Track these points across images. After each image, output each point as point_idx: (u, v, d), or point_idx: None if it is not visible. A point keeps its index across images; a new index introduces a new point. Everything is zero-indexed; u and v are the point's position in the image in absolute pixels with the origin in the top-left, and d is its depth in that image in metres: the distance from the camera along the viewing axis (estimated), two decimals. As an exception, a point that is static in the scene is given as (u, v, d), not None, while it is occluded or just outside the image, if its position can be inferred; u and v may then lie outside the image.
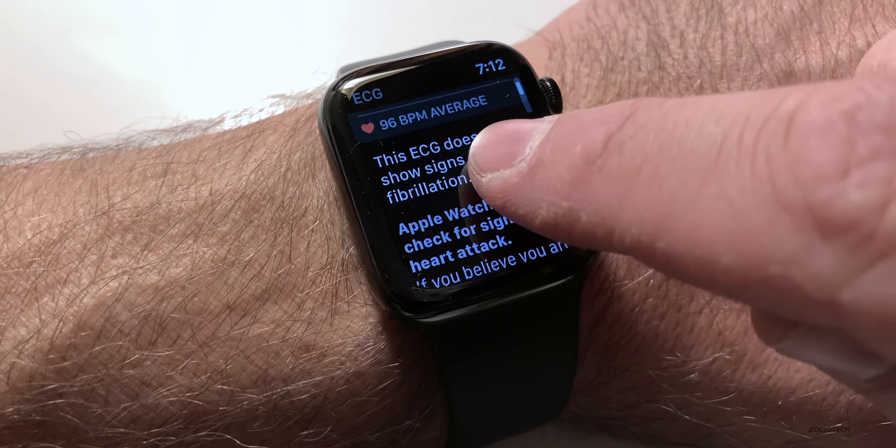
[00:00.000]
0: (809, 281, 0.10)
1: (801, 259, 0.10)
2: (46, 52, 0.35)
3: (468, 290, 0.18)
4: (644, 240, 0.12)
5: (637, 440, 0.25)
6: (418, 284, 0.18)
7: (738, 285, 0.11)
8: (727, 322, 0.21)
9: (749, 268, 0.11)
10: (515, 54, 0.20)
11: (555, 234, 0.15)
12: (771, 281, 0.11)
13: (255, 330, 0.19)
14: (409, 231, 0.18)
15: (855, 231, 0.10)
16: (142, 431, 0.18)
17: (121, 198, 0.19)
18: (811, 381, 0.21)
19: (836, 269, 0.10)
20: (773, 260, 0.11)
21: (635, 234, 0.13)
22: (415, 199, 0.18)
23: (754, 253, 0.11)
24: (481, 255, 0.18)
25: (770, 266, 0.11)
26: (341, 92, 0.19)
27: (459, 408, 0.20)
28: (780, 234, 0.11)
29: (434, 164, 0.19)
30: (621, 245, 0.13)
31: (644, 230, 0.12)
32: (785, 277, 0.11)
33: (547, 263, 0.18)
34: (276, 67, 0.35)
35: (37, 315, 0.18)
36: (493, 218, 0.19)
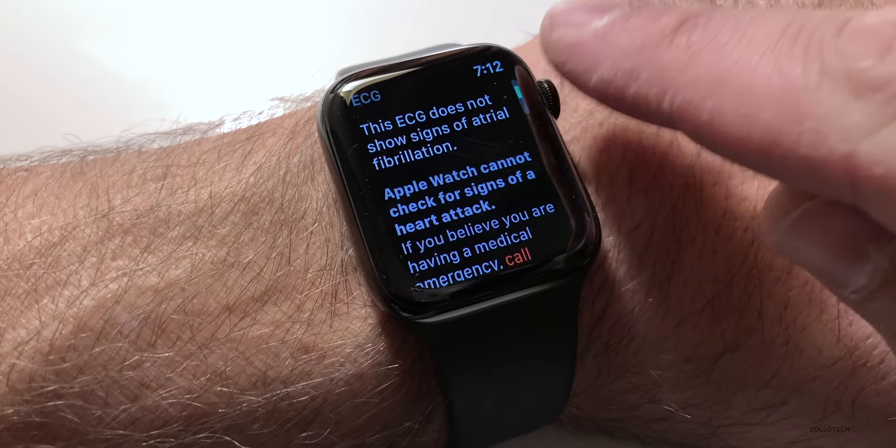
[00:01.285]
0: (836, 133, 0.12)
1: (834, 114, 0.12)
2: (46, 53, 0.35)
3: (467, 290, 0.18)
4: (695, 99, 0.14)
5: (638, 441, 0.25)
6: (417, 285, 0.18)
7: (771, 142, 0.13)
8: (729, 321, 0.21)
9: (786, 123, 0.13)
10: (513, 56, 0.20)
11: (605, 94, 0.17)
12: (803, 135, 0.13)
13: (254, 331, 0.19)
14: (408, 232, 0.18)
15: (884, 91, 0.12)
16: (141, 433, 0.18)
17: (121, 201, 0.20)
18: (816, 378, 0.21)
19: (861, 123, 0.12)
20: (810, 115, 0.13)
21: (688, 94, 0.14)
22: (412, 195, 0.19)
23: (794, 109, 0.13)
24: (480, 255, 0.18)
25: (805, 120, 0.13)
26: (340, 94, 0.19)
27: (459, 409, 0.20)
28: (820, 95, 0.13)
29: (423, 153, 0.19)
30: (670, 105, 0.15)
31: (697, 90, 0.14)
32: (816, 131, 0.12)
33: (546, 263, 0.18)
34: (276, 70, 0.35)
35: (37, 317, 0.18)
36: (492, 217, 0.19)
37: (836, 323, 0.20)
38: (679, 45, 0.15)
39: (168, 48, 0.36)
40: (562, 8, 0.18)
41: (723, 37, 0.15)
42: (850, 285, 0.15)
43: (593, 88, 0.17)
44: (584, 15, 0.18)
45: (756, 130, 0.13)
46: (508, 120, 0.19)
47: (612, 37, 0.17)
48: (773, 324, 0.21)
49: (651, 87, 0.15)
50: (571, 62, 0.17)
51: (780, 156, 0.13)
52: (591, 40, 0.17)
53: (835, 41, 0.13)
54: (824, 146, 0.12)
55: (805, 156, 0.13)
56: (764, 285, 0.21)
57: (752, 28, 0.14)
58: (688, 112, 0.14)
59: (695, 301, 0.21)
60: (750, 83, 0.14)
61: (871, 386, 0.20)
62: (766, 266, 0.21)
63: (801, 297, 0.21)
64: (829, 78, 0.13)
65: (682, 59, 0.15)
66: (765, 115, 0.13)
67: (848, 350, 0.20)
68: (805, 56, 0.13)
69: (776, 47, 0.14)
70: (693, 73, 0.15)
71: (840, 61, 0.13)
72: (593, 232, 0.19)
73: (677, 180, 0.21)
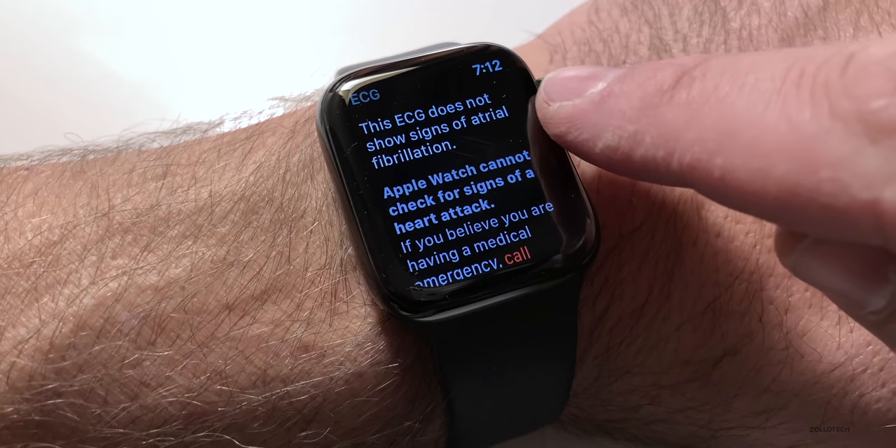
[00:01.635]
0: (856, 181, 0.12)
1: (850, 161, 0.12)
2: (46, 52, 0.35)
3: (466, 288, 0.18)
4: (703, 157, 0.14)
5: (638, 442, 0.25)
6: (416, 283, 0.18)
7: (788, 194, 0.12)
8: (730, 324, 0.21)
9: (801, 174, 0.12)
10: (513, 56, 0.20)
11: (612, 159, 0.16)
12: (820, 185, 0.12)
13: (254, 330, 0.19)
14: (407, 230, 0.18)
15: None
16: (141, 432, 0.18)
17: (121, 199, 0.20)
18: (815, 384, 0.21)
19: (881, 169, 0.11)
20: (825, 164, 0.12)
21: (696, 152, 0.14)
22: (412, 194, 0.19)
23: (808, 159, 0.12)
24: (479, 254, 0.18)
25: (821, 170, 0.12)
26: (339, 93, 0.19)
27: (459, 408, 0.20)
28: (833, 141, 0.12)
29: (422, 152, 0.19)
30: (679, 165, 0.14)
31: (705, 147, 0.14)
32: (834, 180, 0.12)
33: (545, 262, 0.18)
34: (276, 69, 0.35)
35: (37, 315, 0.18)
36: (491, 216, 0.19)
37: (836, 329, 0.20)
38: (679, 102, 0.15)
39: (168, 48, 0.36)
40: (556, 78, 0.18)
41: (723, 88, 0.14)
42: (869, 307, 0.14)
43: (598, 156, 0.17)
44: (579, 83, 0.17)
45: (771, 184, 0.13)
46: (508, 119, 0.19)
47: (611, 102, 0.16)
48: (774, 328, 0.21)
49: (657, 149, 0.15)
50: (573, 133, 0.17)
51: (800, 207, 0.12)
52: (588, 108, 0.17)
53: (841, 81, 0.12)
54: (845, 195, 0.12)
55: (826, 205, 0.12)
56: (765, 290, 0.21)
57: (751, 75, 0.14)
58: (698, 170, 0.14)
59: (695, 304, 0.21)
60: (758, 134, 0.13)
61: (871, 393, 0.20)
62: (768, 270, 0.21)
63: (803, 302, 0.21)
64: (839, 122, 0.12)
65: (684, 116, 0.15)
66: (779, 167, 0.13)
67: (848, 356, 0.20)
68: (812, 100, 0.12)
69: (780, 93, 0.13)
70: (698, 129, 0.14)
71: (849, 103, 0.12)
72: (592, 231, 0.19)
73: None
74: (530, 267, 0.18)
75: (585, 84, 0.17)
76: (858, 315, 0.15)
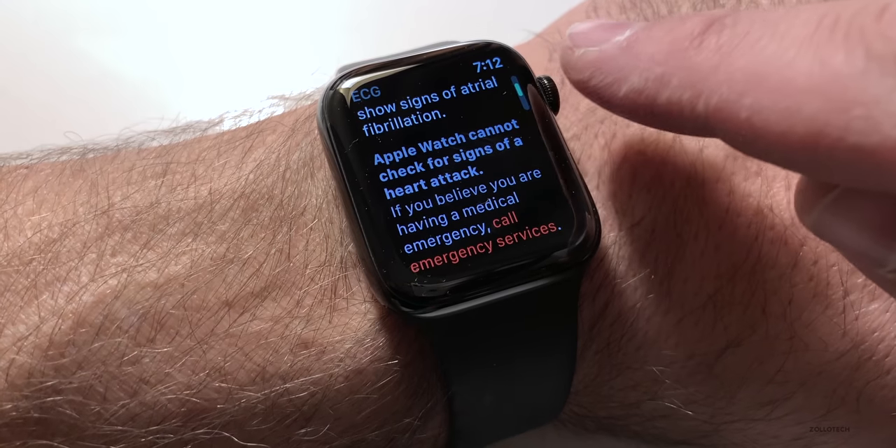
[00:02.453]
0: (890, 118, 0.12)
1: (884, 99, 0.12)
2: (46, 52, 0.35)
3: (466, 284, 0.18)
4: (731, 98, 0.14)
5: (639, 439, 0.24)
6: (416, 279, 0.18)
7: (817, 135, 0.12)
8: (732, 317, 0.21)
9: (832, 113, 0.12)
10: (513, 53, 0.20)
11: (636, 103, 0.16)
12: (851, 123, 0.12)
13: (253, 327, 0.19)
14: (407, 227, 0.18)
15: None
16: (140, 429, 0.18)
17: (120, 197, 0.20)
18: (821, 373, 0.21)
19: None
20: (858, 102, 0.12)
21: (724, 93, 0.14)
22: (413, 195, 0.19)
23: (840, 99, 0.12)
24: (480, 250, 0.18)
25: (854, 108, 0.12)
26: (339, 91, 0.19)
27: (459, 404, 0.20)
28: (868, 81, 0.12)
29: (433, 160, 0.19)
30: (705, 108, 0.14)
31: (733, 89, 0.14)
32: (867, 118, 0.12)
33: (546, 259, 0.18)
34: (276, 68, 0.35)
35: (36, 312, 0.18)
36: (491, 213, 0.19)
37: (841, 317, 0.20)
38: (709, 47, 0.15)
39: (168, 47, 0.36)
40: (581, 28, 0.18)
41: (754, 34, 0.14)
42: (889, 264, 0.14)
43: (622, 100, 0.17)
44: (605, 32, 0.18)
45: (800, 124, 0.13)
46: (514, 124, 0.19)
47: (638, 47, 0.16)
48: (777, 319, 0.20)
49: (684, 91, 0.15)
50: (597, 77, 0.17)
51: (827, 148, 0.12)
52: (615, 53, 0.17)
53: (877, 26, 0.12)
54: (877, 133, 0.12)
55: (855, 145, 0.12)
56: (768, 281, 0.20)
57: (783, 23, 0.14)
58: (725, 112, 0.14)
59: (697, 297, 0.21)
60: (790, 76, 0.13)
61: (877, 380, 0.20)
62: (770, 262, 0.21)
63: (806, 292, 0.20)
64: (875, 62, 0.12)
65: (713, 59, 0.15)
66: (808, 106, 0.12)
67: (854, 344, 0.20)
68: (846, 43, 0.12)
69: (813, 38, 0.13)
70: (727, 71, 0.14)
71: (885, 44, 0.12)
72: (593, 227, 0.19)
73: (679, 177, 0.21)
74: (530, 263, 0.18)
75: (612, 31, 0.17)
76: (876, 274, 0.15)
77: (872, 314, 0.20)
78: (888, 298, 0.20)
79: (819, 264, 0.21)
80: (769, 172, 0.21)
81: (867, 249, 0.14)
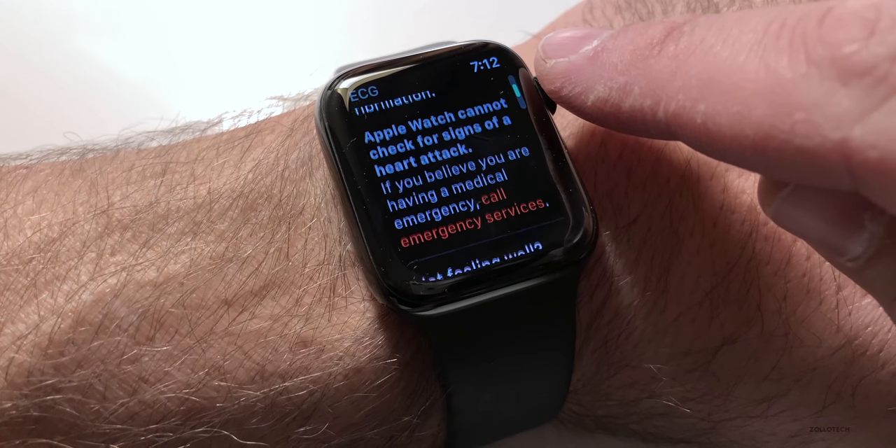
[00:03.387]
0: (827, 121, 0.12)
1: (822, 103, 0.12)
2: (46, 52, 0.35)
3: (465, 282, 0.18)
4: (687, 104, 0.15)
5: (638, 438, 0.25)
6: (415, 278, 0.18)
7: (765, 137, 0.13)
8: (728, 314, 0.21)
9: (777, 116, 0.13)
10: (510, 53, 0.20)
11: (603, 111, 0.17)
12: (795, 127, 0.13)
13: (252, 325, 0.19)
14: (406, 225, 0.18)
15: (870, 75, 0.12)
16: (139, 427, 0.18)
17: (120, 197, 0.20)
18: (816, 369, 0.21)
19: (851, 109, 0.12)
20: (800, 106, 0.13)
21: (680, 100, 0.15)
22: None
23: (784, 102, 0.13)
24: (479, 248, 0.18)
25: (796, 112, 0.13)
26: (337, 91, 0.19)
27: (457, 402, 0.20)
28: (808, 85, 0.13)
29: (431, 157, 0.19)
30: (664, 114, 0.15)
31: (689, 95, 0.15)
32: (808, 121, 0.12)
33: (544, 256, 0.18)
34: (275, 69, 0.35)
35: (35, 311, 0.18)
36: (491, 212, 0.19)
37: (835, 313, 0.20)
38: (667, 54, 0.16)
39: (167, 48, 0.36)
40: (553, 39, 0.19)
41: (708, 40, 0.15)
42: (848, 253, 0.15)
43: (590, 109, 0.17)
44: (575, 42, 0.18)
45: (749, 127, 0.13)
46: (511, 122, 0.19)
47: (603, 56, 0.17)
48: (773, 315, 0.21)
49: (645, 98, 0.16)
50: (567, 87, 0.18)
51: (775, 150, 0.13)
52: (583, 63, 0.18)
53: (818, 30, 0.13)
54: (817, 135, 0.12)
55: (799, 147, 0.13)
56: (762, 277, 0.21)
57: (735, 29, 0.14)
58: (682, 118, 0.15)
59: (693, 294, 0.21)
60: (738, 80, 0.14)
61: (871, 375, 0.20)
62: (765, 258, 0.21)
63: (800, 288, 0.21)
64: (814, 67, 0.13)
65: (671, 67, 0.15)
66: (756, 110, 0.13)
67: (848, 339, 0.20)
68: (790, 48, 0.13)
69: (761, 43, 0.14)
70: (683, 78, 0.15)
71: (824, 49, 0.13)
72: (591, 225, 0.19)
73: (674, 174, 0.21)
74: (528, 261, 0.18)
75: (581, 42, 0.18)
76: (838, 262, 0.15)
77: (865, 309, 0.20)
78: None
79: (812, 260, 0.21)
80: None
81: (825, 238, 0.15)
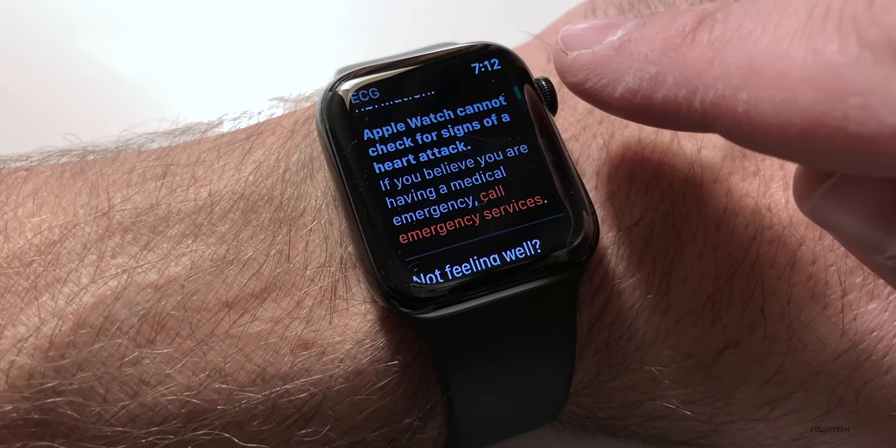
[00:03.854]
0: (886, 106, 0.12)
1: (881, 87, 0.12)
2: (46, 52, 0.35)
3: (465, 285, 0.18)
4: (727, 93, 0.14)
5: (639, 440, 0.24)
6: (416, 280, 0.18)
7: (814, 125, 0.12)
8: (730, 317, 0.21)
9: (829, 102, 0.12)
10: (511, 55, 0.20)
11: (632, 103, 0.16)
12: (849, 112, 0.12)
13: (253, 328, 0.19)
14: (407, 227, 0.18)
15: None
16: (140, 430, 0.18)
17: (120, 199, 0.20)
18: (819, 373, 0.21)
19: None
20: (854, 91, 0.12)
21: (719, 89, 0.14)
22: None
23: (836, 88, 0.12)
24: (479, 250, 0.18)
25: (850, 97, 0.12)
26: (338, 92, 0.19)
27: (458, 405, 0.20)
28: (863, 69, 0.12)
29: (431, 159, 0.19)
30: (701, 104, 0.14)
31: (729, 83, 0.14)
32: (864, 107, 0.12)
33: (545, 259, 0.18)
34: (276, 70, 0.35)
35: (36, 314, 0.18)
36: (491, 212, 0.19)
37: (840, 317, 0.20)
38: (702, 42, 0.15)
39: (168, 48, 0.36)
40: (572, 30, 0.18)
41: (746, 27, 0.14)
42: (887, 251, 0.14)
43: (618, 101, 0.17)
44: (597, 33, 0.17)
45: (797, 115, 0.13)
46: (509, 122, 0.19)
47: (631, 46, 0.16)
48: (776, 319, 0.20)
49: (679, 88, 0.15)
50: (592, 79, 0.17)
51: (826, 138, 0.12)
52: (609, 54, 0.17)
53: (868, 13, 0.12)
54: (874, 120, 0.12)
55: (853, 134, 0.12)
56: (766, 281, 0.21)
57: (775, 14, 0.14)
58: (721, 107, 0.14)
59: (695, 297, 0.21)
60: (784, 67, 0.13)
61: (875, 380, 0.20)
62: (769, 262, 0.21)
63: (804, 292, 0.20)
64: (869, 50, 0.12)
65: (707, 55, 0.14)
66: (805, 97, 0.12)
67: (852, 344, 0.20)
68: (839, 32, 0.12)
69: (806, 28, 0.13)
70: (721, 66, 0.14)
71: (878, 31, 0.12)
72: (591, 228, 0.19)
73: (677, 177, 0.21)
74: (529, 263, 0.18)
75: (604, 32, 0.17)
76: (874, 262, 0.15)
77: (871, 314, 0.20)
78: (887, 298, 0.20)
79: (817, 264, 0.21)
80: (767, 172, 0.21)
81: (866, 235, 0.14)
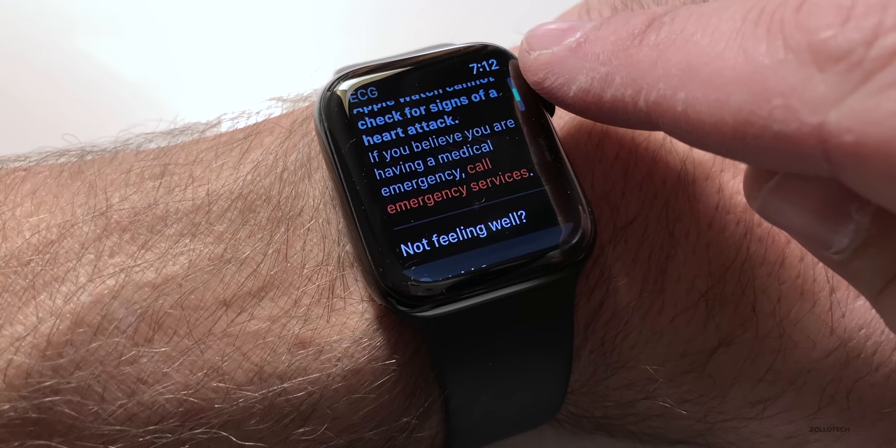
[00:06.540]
0: (804, 106, 0.12)
1: (800, 88, 0.12)
2: (46, 52, 0.35)
3: (463, 283, 0.18)
4: (668, 93, 0.15)
5: (636, 439, 0.25)
6: (413, 278, 0.18)
7: (743, 124, 0.13)
8: (723, 315, 0.21)
9: (755, 102, 0.13)
10: (509, 55, 0.20)
11: (585, 102, 0.17)
12: (773, 112, 0.13)
13: (251, 326, 0.19)
14: (404, 226, 0.18)
15: (846, 60, 0.12)
16: (138, 429, 0.18)
17: (118, 199, 0.20)
18: (810, 371, 0.21)
19: (827, 94, 0.12)
20: (778, 92, 0.13)
21: (661, 89, 0.15)
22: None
23: (762, 89, 0.13)
24: (477, 249, 0.18)
25: (774, 98, 0.13)
26: (336, 92, 0.19)
27: (455, 403, 0.20)
28: (785, 71, 0.13)
29: (430, 159, 0.19)
30: (645, 103, 0.15)
31: (669, 84, 0.15)
32: (785, 107, 0.13)
33: (542, 258, 0.18)
34: (275, 70, 0.35)
35: (34, 313, 0.18)
36: (490, 212, 0.19)
37: (829, 315, 0.20)
38: (648, 44, 0.16)
39: (167, 48, 0.36)
40: (537, 31, 0.19)
41: (689, 30, 0.15)
42: (833, 246, 0.15)
43: (573, 99, 0.18)
44: (559, 34, 0.18)
45: (728, 114, 0.13)
46: (511, 125, 0.20)
47: (586, 47, 0.17)
48: (767, 317, 0.21)
49: (626, 88, 0.16)
50: (549, 78, 0.18)
51: (754, 136, 0.13)
52: (565, 55, 0.18)
53: (795, 17, 0.13)
54: (794, 120, 0.12)
55: (777, 132, 0.13)
56: (757, 279, 0.21)
57: (715, 17, 0.15)
58: (663, 106, 0.15)
59: (689, 295, 0.21)
60: (718, 68, 0.14)
61: (866, 377, 0.20)
62: (759, 259, 0.21)
63: (794, 289, 0.21)
64: (792, 53, 0.13)
65: (651, 56, 0.15)
66: (735, 97, 0.13)
67: (842, 342, 0.20)
68: (768, 35, 0.13)
69: (740, 31, 0.14)
70: (664, 67, 0.15)
71: (801, 35, 0.13)
72: (589, 226, 0.19)
73: (670, 174, 0.21)
74: (526, 263, 0.18)
75: (565, 34, 0.18)
76: (824, 256, 0.15)
77: (859, 311, 0.21)
78: None
79: (805, 261, 0.21)
80: None
81: (812, 232, 0.15)
